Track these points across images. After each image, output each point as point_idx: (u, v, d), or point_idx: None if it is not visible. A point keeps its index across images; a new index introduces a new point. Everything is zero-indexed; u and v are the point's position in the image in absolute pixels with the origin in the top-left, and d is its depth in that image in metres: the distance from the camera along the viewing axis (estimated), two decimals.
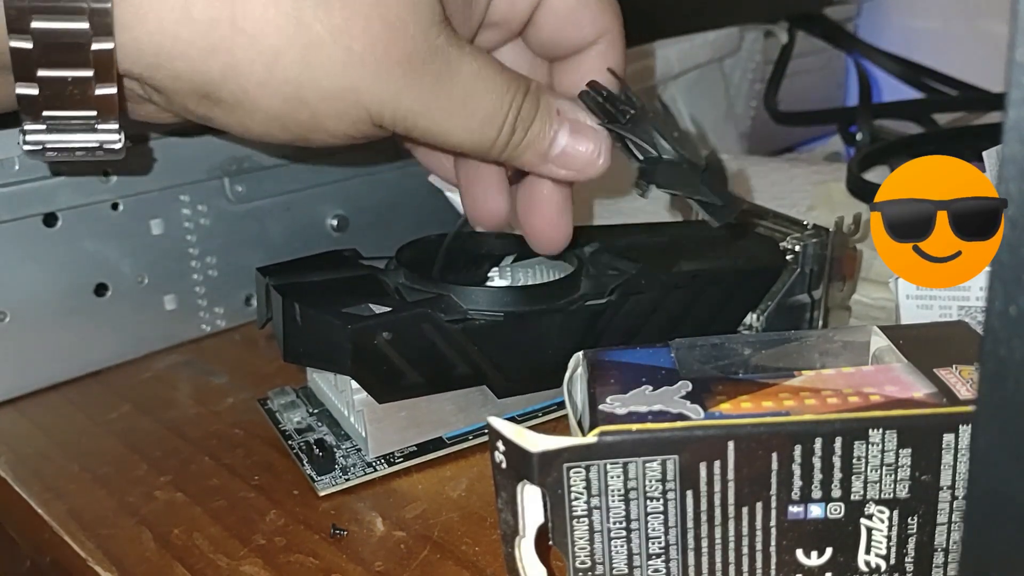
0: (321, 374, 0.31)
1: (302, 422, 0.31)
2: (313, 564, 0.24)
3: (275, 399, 0.32)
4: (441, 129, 0.27)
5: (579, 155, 0.28)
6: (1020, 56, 0.12)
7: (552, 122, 0.28)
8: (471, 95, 0.27)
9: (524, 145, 0.28)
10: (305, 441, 0.29)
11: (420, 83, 0.26)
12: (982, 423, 0.13)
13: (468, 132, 0.27)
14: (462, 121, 0.27)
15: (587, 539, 0.20)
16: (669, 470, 0.20)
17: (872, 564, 0.20)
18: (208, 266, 0.39)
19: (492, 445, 0.21)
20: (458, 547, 0.25)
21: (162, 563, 0.25)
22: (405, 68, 0.25)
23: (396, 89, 0.25)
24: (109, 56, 0.24)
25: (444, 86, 0.26)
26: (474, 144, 0.27)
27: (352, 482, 0.28)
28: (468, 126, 0.27)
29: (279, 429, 0.30)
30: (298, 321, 0.27)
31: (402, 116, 0.26)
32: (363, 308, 0.27)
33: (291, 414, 0.31)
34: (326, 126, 0.26)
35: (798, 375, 0.22)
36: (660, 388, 0.21)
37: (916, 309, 0.30)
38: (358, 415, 0.28)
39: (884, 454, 0.20)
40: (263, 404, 0.32)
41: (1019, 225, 0.12)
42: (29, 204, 0.34)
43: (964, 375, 0.21)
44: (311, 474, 0.28)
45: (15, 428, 0.33)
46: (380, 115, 0.26)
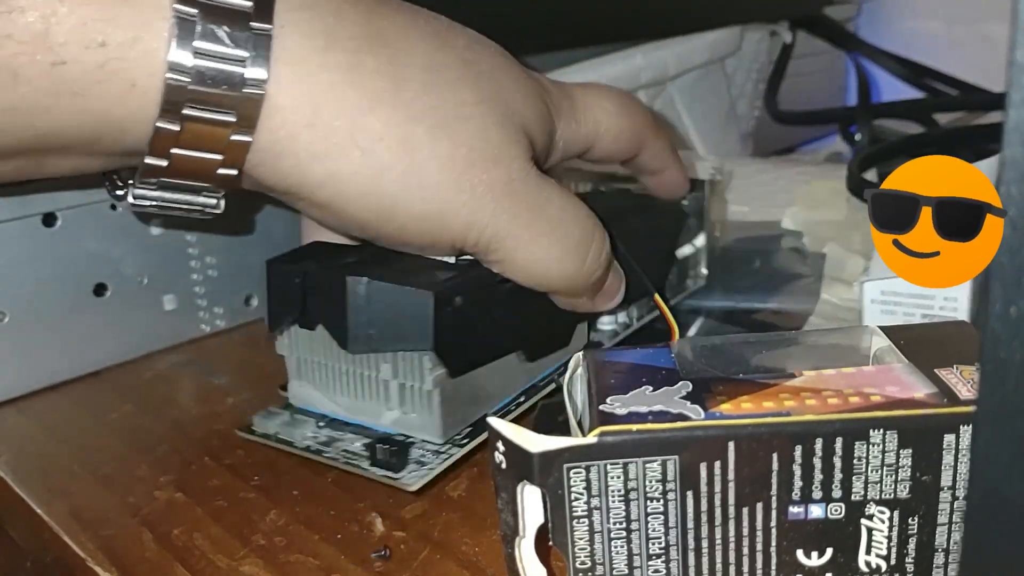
0: (313, 385, 0.29)
1: (318, 435, 0.29)
2: (313, 564, 0.24)
3: (263, 423, 0.29)
4: (528, 254, 0.28)
5: (609, 296, 0.32)
6: (1021, 57, 0.12)
7: (612, 261, 0.31)
8: (560, 226, 0.28)
9: (598, 279, 0.30)
10: (346, 450, 0.28)
11: (515, 208, 0.27)
12: (983, 424, 0.13)
13: (553, 261, 0.28)
14: (549, 248, 0.28)
15: (587, 539, 0.20)
16: (669, 470, 0.20)
17: (872, 564, 0.20)
18: (208, 266, 0.39)
19: (492, 445, 0.21)
20: (458, 547, 0.25)
21: (162, 563, 0.25)
22: (501, 195, 0.26)
23: (492, 211, 0.26)
24: (244, 147, 0.25)
25: (536, 214, 0.27)
26: (559, 272, 0.28)
27: (436, 471, 0.26)
28: (553, 254, 0.28)
29: (296, 447, 0.28)
30: (366, 300, 0.25)
31: (487, 239, 0.27)
32: (426, 276, 0.26)
33: (299, 431, 0.29)
34: (406, 240, 0.27)
35: (799, 375, 0.22)
36: (660, 388, 0.21)
37: (880, 314, 0.30)
38: (425, 397, 0.27)
39: (885, 454, 0.20)
40: (249, 432, 0.29)
41: (1020, 227, 0.12)
42: (29, 204, 0.34)
43: (965, 375, 0.21)
44: (387, 475, 0.26)
45: (15, 428, 0.33)
46: (465, 238, 0.27)
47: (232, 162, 0.25)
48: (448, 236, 0.27)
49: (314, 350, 0.29)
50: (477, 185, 0.26)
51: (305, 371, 0.29)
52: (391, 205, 0.26)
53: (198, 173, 0.25)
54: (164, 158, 0.25)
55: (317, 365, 0.29)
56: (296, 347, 0.29)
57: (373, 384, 0.28)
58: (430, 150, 0.25)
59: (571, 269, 0.29)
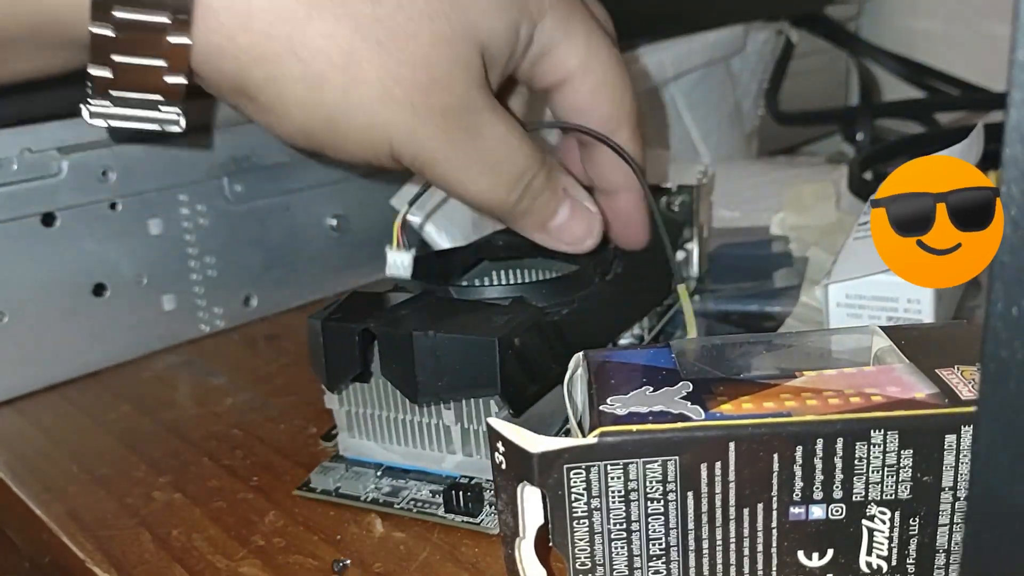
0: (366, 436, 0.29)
1: (380, 486, 0.27)
2: (312, 565, 0.24)
3: (320, 479, 0.28)
4: (456, 179, 0.28)
5: (574, 231, 0.31)
6: (1022, 56, 0.12)
7: (557, 197, 0.31)
8: (493, 157, 0.28)
9: (529, 211, 0.30)
10: (415, 499, 0.27)
11: (449, 135, 0.27)
12: (983, 424, 0.13)
13: (480, 189, 0.29)
14: (478, 177, 0.28)
15: (587, 540, 0.20)
16: (670, 471, 0.20)
17: (873, 565, 0.20)
18: (207, 266, 0.39)
19: (492, 446, 0.21)
20: (458, 548, 0.25)
21: (161, 564, 0.25)
22: (439, 119, 0.27)
23: (425, 135, 0.27)
24: (184, 51, 0.25)
25: (471, 142, 0.28)
26: (484, 199, 0.29)
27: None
28: (482, 183, 0.29)
29: (362, 502, 0.27)
30: (432, 353, 0.25)
31: (423, 160, 0.28)
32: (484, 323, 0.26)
33: (359, 484, 0.28)
34: (349, 149, 0.28)
35: (799, 376, 0.22)
36: (661, 389, 0.21)
37: (846, 317, 0.30)
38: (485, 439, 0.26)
39: (886, 455, 0.20)
40: (309, 490, 0.28)
41: (1021, 226, 0.12)
42: (28, 204, 0.34)
43: (966, 376, 0.21)
44: (467, 520, 0.26)
45: (14, 428, 0.33)
46: (400, 153, 0.27)
47: (177, 68, 0.26)
48: (386, 150, 0.27)
49: (368, 402, 0.28)
50: (419, 106, 0.26)
51: (358, 423, 0.28)
52: (331, 115, 0.26)
53: (147, 83, 0.26)
54: (107, 66, 0.25)
55: (372, 417, 0.28)
56: (349, 401, 0.28)
57: (433, 430, 0.27)
58: (373, 67, 0.26)
59: (498, 199, 0.29)
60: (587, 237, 0.31)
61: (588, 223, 0.31)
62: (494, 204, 0.29)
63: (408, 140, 0.27)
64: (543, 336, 0.27)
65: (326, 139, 0.27)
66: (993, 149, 0.35)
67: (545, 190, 0.30)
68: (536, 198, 0.30)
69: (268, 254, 0.41)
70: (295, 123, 0.27)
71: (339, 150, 0.28)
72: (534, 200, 0.30)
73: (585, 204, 0.31)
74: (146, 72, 0.26)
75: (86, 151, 0.35)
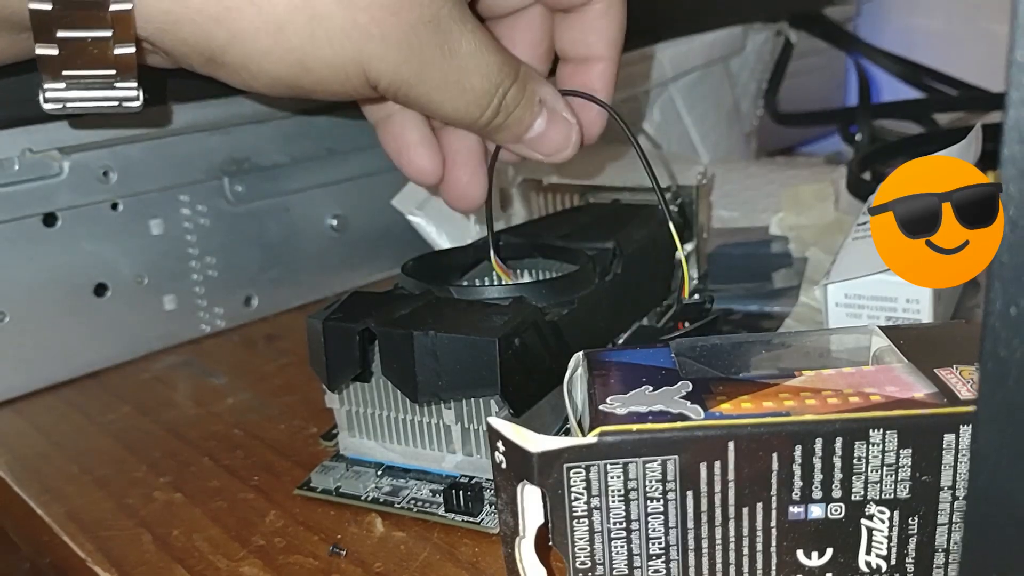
0: (366, 435, 0.29)
1: (380, 485, 0.27)
2: (313, 565, 0.24)
3: (321, 479, 0.28)
4: (431, 100, 0.29)
5: (551, 142, 0.31)
6: (1020, 56, 0.12)
7: (533, 109, 0.31)
8: (465, 73, 0.28)
9: (504, 126, 0.30)
10: (415, 498, 0.27)
11: (420, 57, 0.27)
12: (983, 423, 0.13)
13: (456, 107, 0.29)
14: (453, 96, 0.29)
15: (587, 540, 0.20)
16: (669, 470, 0.20)
17: (873, 564, 0.20)
18: (208, 266, 0.39)
19: (492, 445, 0.21)
20: (458, 548, 0.25)
21: (161, 564, 0.25)
22: (407, 42, 0.27)
23: (397, 60, 0.27)
24: (127, 17, 0.25)
25: (442, 62, 0.28)
26: (459, 118, 0.30)
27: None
28: (457, 102, 0.29)
29: (362, 501, 0.27)
30: (432, 352, 0.25)
31: (398, 85, 0.28)
32: (483, 322, 0.26)
33: (360, 483, 0.27)
34: (328, 88, 0.28)
35: (798, 375, 0.22)
36: (660, 388, 0.21)
37: (844, 317, 0.30)
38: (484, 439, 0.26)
39: (885, 454, 0.20)
40: (309, 489, 0.28)
41: (1019, 226, 0.12)
42: (29, 204, 0.34)
43: (965, 375, 0.21)
44: (468, 520, 0.26)
45: (14, 429, 0.33)
46: (377, 81, 0.28)
47: (124, 36, 0.25)
48: (362, 80, 0.27)
49: (369, 402, 0.28)
50: (386, 28, 0.26)
51: (358, 422, 0.28)
52: (301, 59, 0.26)
53: (96, 58, 0.26)
54: (53, 43, 0.25)
55: (372, 416, 0.28)
56: (349, 400, 0.28)
57: (433, 430, 0.27)
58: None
59: (473, 115, 0.29)
60: (564, 147, 0.32)
61: (566, 133, 0.31)
62: (470, 122, 0.30)
63: (380, 65, 0.27)
64: (543, 336, 0.27)
65: (304, 83, 0.27)
66: (991, 149, 0.35)
67: (520, 103, 0.30)
68: (511, 112, 0.30)
69: (268, 254, 0.41)
70: (270, 75, 0.27)
71: (319, 91, 0.28)
72: (509, 114, 0.30)
73: (564, 115, 0.31)
74: (93, 45, 0.25)
75: (87, 151, 0.35)
